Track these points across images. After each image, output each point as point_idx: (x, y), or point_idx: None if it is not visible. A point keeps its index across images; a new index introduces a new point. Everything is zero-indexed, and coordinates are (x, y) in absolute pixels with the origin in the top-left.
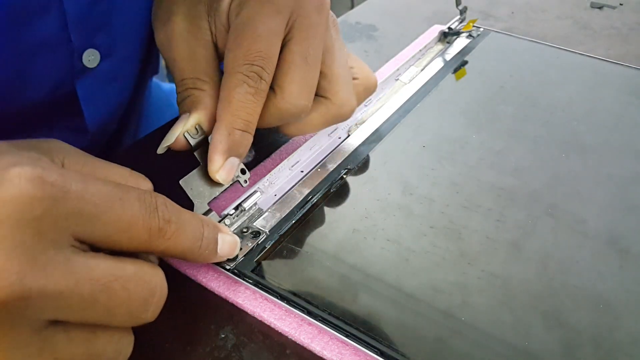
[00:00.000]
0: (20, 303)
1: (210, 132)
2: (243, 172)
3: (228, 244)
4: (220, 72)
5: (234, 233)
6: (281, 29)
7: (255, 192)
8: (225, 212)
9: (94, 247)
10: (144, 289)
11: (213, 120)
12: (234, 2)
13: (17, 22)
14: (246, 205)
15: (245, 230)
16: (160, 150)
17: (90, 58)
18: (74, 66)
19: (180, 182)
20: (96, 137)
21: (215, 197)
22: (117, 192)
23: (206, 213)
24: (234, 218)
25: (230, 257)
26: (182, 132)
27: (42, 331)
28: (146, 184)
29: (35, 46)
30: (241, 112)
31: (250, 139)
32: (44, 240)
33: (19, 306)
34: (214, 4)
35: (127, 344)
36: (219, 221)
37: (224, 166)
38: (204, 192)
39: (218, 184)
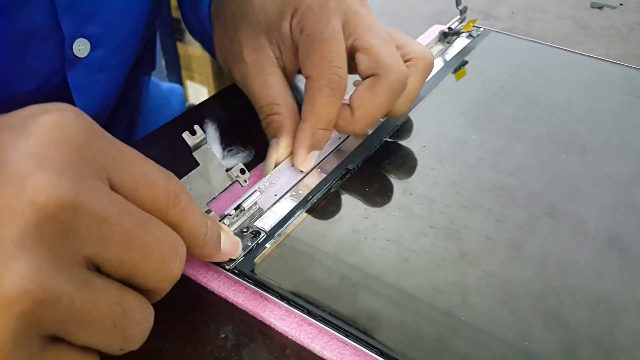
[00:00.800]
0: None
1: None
2: (242, 172)
3: (231, 242)
4: (291, 91)
5: (235, 233)
6: (340, 28)
7: (254, 191)
8: (225, 213)
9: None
10: (171, 237)
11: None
12: (293, 23)
13: (7, 11)
14: (246, 205)
15: (245, 230)
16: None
17: (81, 47)
18: (65, 56)
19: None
20: None
21: (214, 198)
22: (142, 156)
23: (206, 213)
24: (233, 218)
25: (233, 257)
26: (276, 158)
27: (83, 265)
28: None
29: (25, 36)
30: (323, 113)
31: (330, 135)
32: (88, 170)
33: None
34: (274, 32)
35: (149, 312)
36: (219, 221)
37: (307, 159)
38: (203, 192)
39: (217, 185)
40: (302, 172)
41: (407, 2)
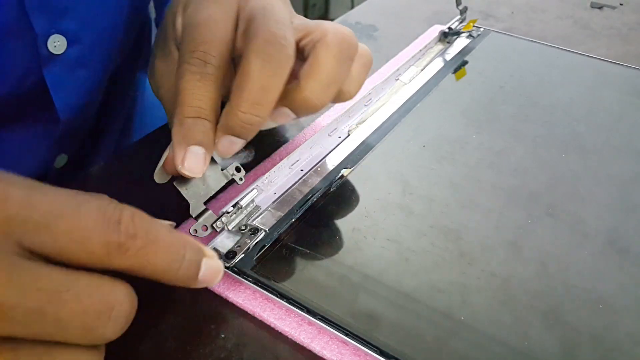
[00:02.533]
0: None
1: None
2: (238, 169)
3: (211, 270)
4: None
5: (232, 231)
6: (224, 14)
7: (252, 189)
8: (223, 210)
9: (51, 261)
10: (100, 302)
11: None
12: (185, 12)
13: None
14: (243, 202)
15: (243, 227)
16: (157, 179)
17: (57, 44)
18: (40, 53)
19: (174, 182)
20: (70, 130)
21: (211, 197)
22: (72, 201)
23: (202, 213)
24: (231, 216)
25: (211, 286)
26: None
27: None
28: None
29: None
30: (188, 99)
31: (207, 125)
32: None
33: None
34: (175, 25)
35: None
36: (216, 219)
37: (186, 156)
38: (199, 191)
39: (213, 184)
40: (301, 170)
41: (407, 2)
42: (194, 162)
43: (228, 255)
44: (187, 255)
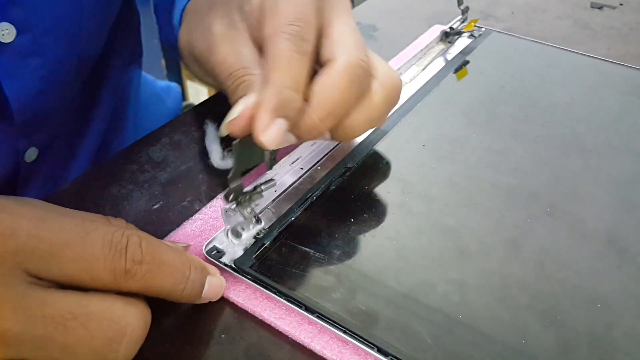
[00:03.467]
0: None
1: None
2: (273, 153)
3: (214, 287)
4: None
5: (246, 215)
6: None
7: (272, 177)
8: (248, 189)
9: (62, 285)
10: (110, 328)
11: None
12: None
13: None
14: (264, 187)
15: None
16: (223, 131)
17: (5, 32)
18: None
19: (236, 142)
20: (31, 121)
21: (254, 167)
22: (79, 230)
23: (236, 181)
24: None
25: (214, 300)
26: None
27: None
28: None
29: None
30: (289, 70)
31: (300, 103)
32: None
33: None
34: (245, 6)
35: None
36: (244, 193)
37: (271, 126)
38: (248, 160)
39: (259, 158)
40: (299, 166)
41: (407, 2)
42: (274, 134)
43: (227, 197)
44: (192, 276)
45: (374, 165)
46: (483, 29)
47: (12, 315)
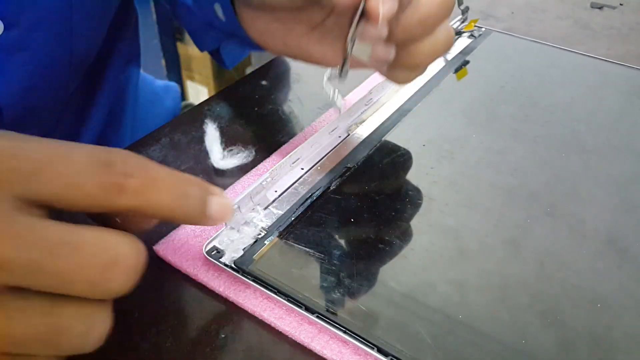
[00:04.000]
0: None
1: None
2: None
3: (220, 205)
4: None
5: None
6: None
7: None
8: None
9: (53, 208)
10: (102, 256)
11: None
12: None
13: None
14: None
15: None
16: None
17: None
18: None
19: (349, 37)
20: (20, 117)
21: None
22: (61, 148)
23: (344, 64)
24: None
25: (224, 221)
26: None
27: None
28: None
29: None
30: None
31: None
32: None
33: None
34: None
35: (100, 320)
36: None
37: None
38: (357, 52)
39: (368, 48)
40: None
41: None
42: (391, 6)
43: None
44: (191, 191)
45: (373, 166)
46: (483, 29)
47: (0, 240)
